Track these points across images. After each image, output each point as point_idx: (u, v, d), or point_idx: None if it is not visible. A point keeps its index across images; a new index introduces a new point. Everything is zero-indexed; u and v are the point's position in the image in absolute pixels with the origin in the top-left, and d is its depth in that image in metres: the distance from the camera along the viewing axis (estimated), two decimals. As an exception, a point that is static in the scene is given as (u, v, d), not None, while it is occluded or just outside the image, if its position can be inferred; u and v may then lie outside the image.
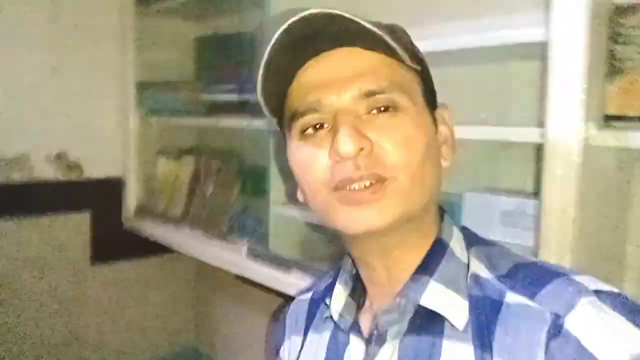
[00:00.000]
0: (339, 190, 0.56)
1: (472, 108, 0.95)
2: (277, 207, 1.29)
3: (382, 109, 0.57)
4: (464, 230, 0.65)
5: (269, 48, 0.57)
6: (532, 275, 0.55)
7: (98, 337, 1.80)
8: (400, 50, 0.56)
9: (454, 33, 0.91)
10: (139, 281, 1.88)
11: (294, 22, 0.55)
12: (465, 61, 1.03)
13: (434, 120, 0.63)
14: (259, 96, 0.62)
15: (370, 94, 0.56)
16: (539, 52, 0.80)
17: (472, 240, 0.64)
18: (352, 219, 0.57)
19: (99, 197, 1.78)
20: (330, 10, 0.54)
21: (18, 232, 1.61)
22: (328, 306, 0.68)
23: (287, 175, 1.26)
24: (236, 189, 1.51)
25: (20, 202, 1.62)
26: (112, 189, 1.80)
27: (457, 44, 0.91)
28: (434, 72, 0.65)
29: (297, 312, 0.79)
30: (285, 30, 0.56)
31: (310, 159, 0.58)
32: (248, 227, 1.40)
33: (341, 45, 0.58)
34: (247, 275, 1.33)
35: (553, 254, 0.76)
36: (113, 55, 1.78)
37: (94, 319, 1.79)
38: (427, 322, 0.58)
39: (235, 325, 1.87)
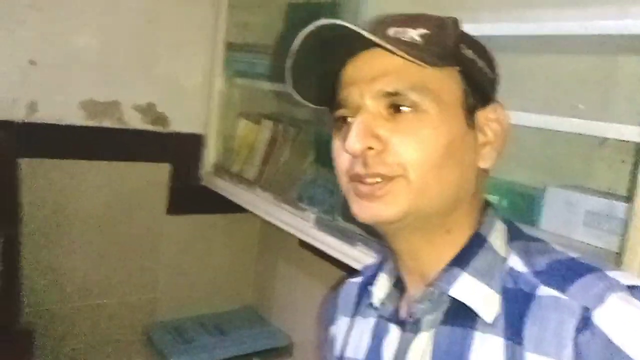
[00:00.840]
0: (353, 182, 0.61)
1: (570, 98, 0.90)
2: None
3: (401, 108, 0.58)
4: (510, 225, 0.65)
5: (291, 50, 0.61)
6: (566, 270, 0.55)
7: (163, 283, 1.89)
8: (414, 57, 0.57)
9: (559, 18, 0.86)
10: (208, 236, 1.96)
11: (310, 30, 0.58)
12: (569, 50, 0.98)
13: (471, 120, 0.61)
14: (290, 89, 0.65)
15: (389, 95, 0.58)
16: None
17: (515, 235, 0.64)
18: (362, 210, 0.60)
19: (180, 151, 1.85)
20: (335, 22, 0.57)
21: (102, 174, 1.70)
22: (371, 292, 0.71)
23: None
24: (310, 157, 1.52)
25: (108, 146, 1.71)
26: (192, 144, 1.86)
27: (561, 30, 0.86)
28: (529, 60, 0.62)
29: (347, 294, 0.82)
30: (306, 36, 0.59)
31: (337, 150, 0.63)
32: (318, 196, 1.41)
33: (369, 47, 0.60)
34: (313, 243, 1.34)
35: (639, 261, 0.72)
36: (206, 14, 1.82)
37: (162, 265, 1.88)
38: (461, 313, 0.59)
39: (293, 291, 1.90)
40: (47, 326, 1.66)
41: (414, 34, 0.59)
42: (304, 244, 1.55)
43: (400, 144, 0.58)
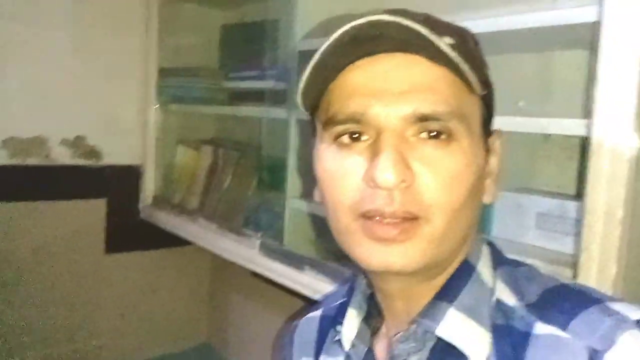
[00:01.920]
0: (364, 219, 0.49)
1: (509, 96, 0.86)
2: (295, 201, 1.22)
3: (434, 134, 0.48)
4: (491, 247, 0.58)
5: (322, 48, 0.49)
6: (563, 302, 0.48)
7: (108, 327, 1.76)
8: (470, 72, 0.48)
9: (496, 14, 0.83)
10: (153, 272, 1.84)
11: (358, 25, 0.47)
12: (504, 48, 0.95)
13: (487, 150, 0.54)
14: (299, 96, 0.54)
15: (423, 119, 0.48)
16: (585, 38, 0.71)
17: (498, 259, 0.56)
18: (373, 256, 0.50)
19: (116, 184, 1.74)
20: (401, 21, 0.46)
21: (31, 215, 1.58)
22: (339, 332, 0.61)
23: (306, 169, 1.19)
24: (254, 181, 1.45)
25: (35, 186, 1.59)
26: (129, 177, 1.76)
27: (499, 26, 0.82)
28: None
29: (306, 331, 0.72)
30: (346, 32, 0.48)
31: (341, 174, 0.51)
32: (263, 221, 1.34)
33: (401, 50, 0.49)
34: (259, 271, 1.27)
35: (595, 262, 0.67)
36: (137, 40, 1.74)
37: (106, 309, 1.75)
38: (449, 352, 0.51)
39: (249, 324, 1.81)
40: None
41: (444, 42, 0.47)
42: (256, 274, 1.47)
43: (428, 181, 0.48)
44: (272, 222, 1.32)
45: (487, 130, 0.55)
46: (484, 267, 0.54)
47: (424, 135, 0.49)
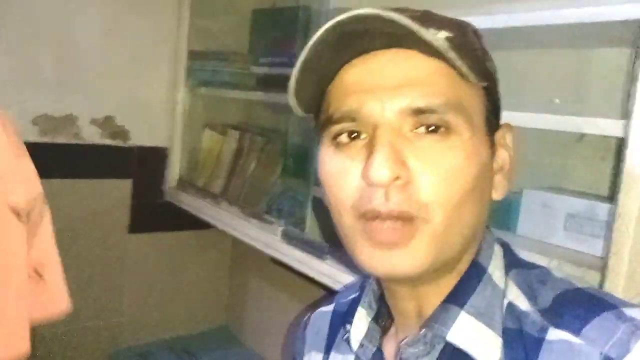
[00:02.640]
0: (365, 221, 0.49)
1: (545, 93, 0.84)
2: (318, 190, 1.22)
3: (432, 128, 0.48)
4: (504, 248, 0.56)
5: (309, 45, 0.48)
6: (576, 306, 0.47)
7: (130, 306, 1.79)
8: (463, 65, 0.47)
9: (530, 9, 0.80)
10: (174, 254, 1.86)
11: (343, 20, 0.46)
12: (542, 43, 0.92)
13: (492, 145, 0.53)
14: (291, 96, 0.53)
15: (419, 112, 0.47)
16: (626, 36, 0.69)
17: (511, 261, 0.55)
18: (375, 261, 0.49)
19: (142, 165, 1.75)
20: (385, 14, 0.45)
21: (58, 193, 1.59)
22: (348, 331, 0.61)
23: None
24: (278, 168, 1.45)
25: (63, 164, 1.61)
26: (155, 158, 1.77)
27: (532, 21, 0.80)
28: (501, 54, 0.55)
29: (318, 325, 0.72)
30: (332, 27, 0.47)
31: (340, 175, 0.50)
32: (286, 208, 1.34)
33: (395, 46, 0.49)
34: (279, 257, 1.27)
35: (625, 266, 0.66)
36: (168, 22, 1.74)
37: (128, 287, 1.78)
38: (460, 357, 0.50)
39: (267, 309, 1.82)
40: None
41: (441, 35, 0.47)
42: (275, 260, 1.48)
43: (426, 177, 0.47)
44: (294, 209, 1.32)
45: (493, 123, 0.53)
46: (495, 269, 0.53)
47: (422, 130, 0.48)
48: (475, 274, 0.52)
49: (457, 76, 0.48)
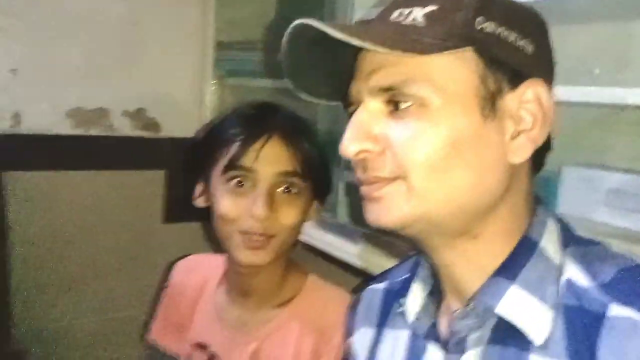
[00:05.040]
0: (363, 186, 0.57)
1: (583, 65, 0.81)
2: (349, 174, 1.22)
3: (400, 104, 0.53)
4: (561, 224, 0.55)
5: (283, 49, 0.61)
6: (639, 283, 0.46)
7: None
8: (398, 48, 0.51)
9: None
10: (207, 243, 1.88)
11: (293, 30, 0.58)
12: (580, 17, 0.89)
13: (491, 110, 0.51)
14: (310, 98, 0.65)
15: (386, 90, 0.53)
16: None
17: (569, 237, 0.54)
18: (367, 213, 0.57)
19: (175, 156, 1.77)
20: (316, 25, 0.55)
21: (93, 184, 1.63)
22: (402, 305, 0.63)
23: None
24: (309, 154, 1.45)
25: (97, 155, 1.64)
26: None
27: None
28: None
29: (369, 302, 0.73)
30: (292, 37, 0.59)
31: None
32: (317, 194, 1.34)
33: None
34: (312, 243, 1.27)
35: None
36: (194, 13, 1.75)
37: (160, 277, 1.80)
38: (512, 331, 0.50)
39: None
40: (40, 346, 1.57)
41: (420, 14, 0.52)
42: (308, 247, 1.48)
43: (399, 144, 0.52)
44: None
45: (495, 85, 0.52)
46: (548, 243, 0.53)
47: (392, 107, 0.53)
48: (525, 248, 0.53)
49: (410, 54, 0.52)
